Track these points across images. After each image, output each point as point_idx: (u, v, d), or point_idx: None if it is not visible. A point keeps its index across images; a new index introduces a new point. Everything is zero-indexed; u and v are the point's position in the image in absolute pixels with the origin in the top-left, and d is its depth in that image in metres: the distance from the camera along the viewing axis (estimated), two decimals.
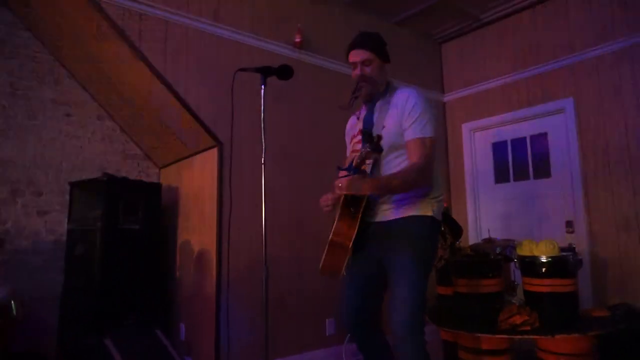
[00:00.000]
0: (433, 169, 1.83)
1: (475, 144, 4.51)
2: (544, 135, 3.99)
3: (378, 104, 1.96)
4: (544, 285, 2.54)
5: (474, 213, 4.40)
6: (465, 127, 4.56)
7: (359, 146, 1.94)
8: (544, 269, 2.56)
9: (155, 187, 3.41)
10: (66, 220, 3.33)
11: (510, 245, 2.85)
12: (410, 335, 1.71)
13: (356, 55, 1.92)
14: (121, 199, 3.12)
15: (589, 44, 3.63)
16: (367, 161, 1.74)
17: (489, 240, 3.03)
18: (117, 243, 3.04)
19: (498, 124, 4.29)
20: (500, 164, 4.32)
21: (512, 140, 4.23)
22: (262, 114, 1.82)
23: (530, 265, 2.62)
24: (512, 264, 2.92)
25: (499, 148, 4.35)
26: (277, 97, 3.34)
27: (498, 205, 4.27)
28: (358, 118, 2.07)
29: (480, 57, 4.46)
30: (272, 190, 3.18)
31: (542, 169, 3.97)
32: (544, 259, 2.56)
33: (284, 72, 1.88)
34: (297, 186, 3.34)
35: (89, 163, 3.59)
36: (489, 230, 3.44)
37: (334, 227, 1.84)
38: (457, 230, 3.04)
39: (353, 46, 1.94)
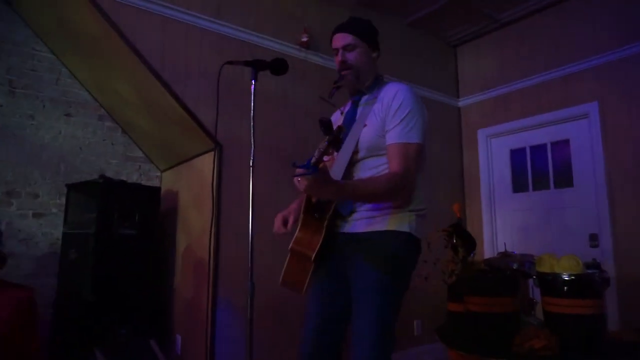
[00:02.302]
0: (414, 181, 1.56)
1: (492, 151, 4.28)
2: (565, 142, 3.74)
3: (364, 98, 1.72)
4: (566, 306, 2.31)
5: (490, 225, 4.16)
6: (482, 133, 4.33)
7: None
8: (566, 288, 2.32)
9: (154, 191, 3.28)
10: (62, 223, 3.24)
11: (528, 261, 2.62)
12: None
13: (338, 40, 1.69)
14: (117, 202, 2.99)
15: (615, 45, 3.38)
16: (325, 158, 1.49)
17: (505, 255, 2.80)
18: (112, 249, 2.92)
19: (516, 129, 4.06)
20: (518, 172, 4.08)
21: (532, 147, 3.99)
22: (252, 112, 1.65)
23: (550, 283, 2.38)
24: (530, 281, 2.68)
25: (517, 155, 4.11)
26: (283, 97, 3.19)
27: (516, 217, 4.02)
28: (342, 113, 1.84)
29: (497, 59, 4.24)
30: (271, 196, 3.03)
31: (564, 178, 3.72)
32: (566, 277, 2.32)
33: (278, 66, 1.68)
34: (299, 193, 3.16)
35: (89, 165, 3.48)
36: (505, 244, 3.21)
37: (296, 234, 1.62)
38: (470, 243, 2.82)
39: (335, 30, 1.72)
